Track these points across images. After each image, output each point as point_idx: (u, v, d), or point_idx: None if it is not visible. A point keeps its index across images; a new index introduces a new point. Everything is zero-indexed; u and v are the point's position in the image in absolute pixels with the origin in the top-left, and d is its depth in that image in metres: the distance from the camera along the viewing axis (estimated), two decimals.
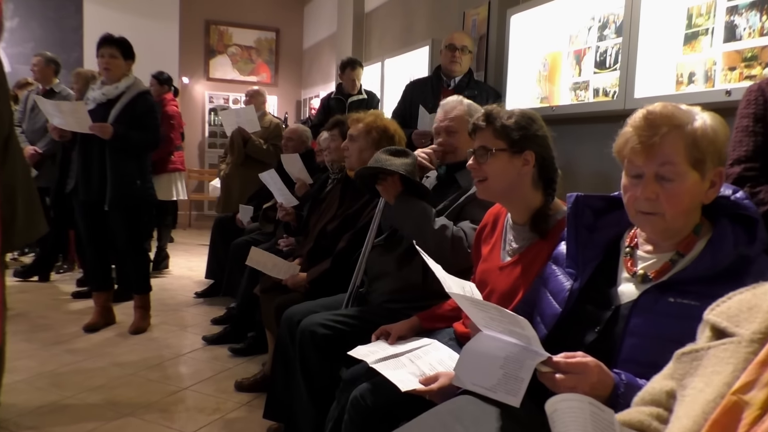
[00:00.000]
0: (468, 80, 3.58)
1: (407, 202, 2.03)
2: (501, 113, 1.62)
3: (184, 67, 8.59)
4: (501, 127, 1.59)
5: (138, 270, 3.79)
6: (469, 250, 1.94)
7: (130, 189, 3.54)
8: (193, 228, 8.32)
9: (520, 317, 1.07)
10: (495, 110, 1.63)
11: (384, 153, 2.09)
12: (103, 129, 3.39)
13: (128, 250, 3.67)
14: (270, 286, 2.67)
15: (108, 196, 3.49)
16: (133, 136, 3.48)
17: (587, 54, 3.14)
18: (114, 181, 3.48)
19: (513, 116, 1.61)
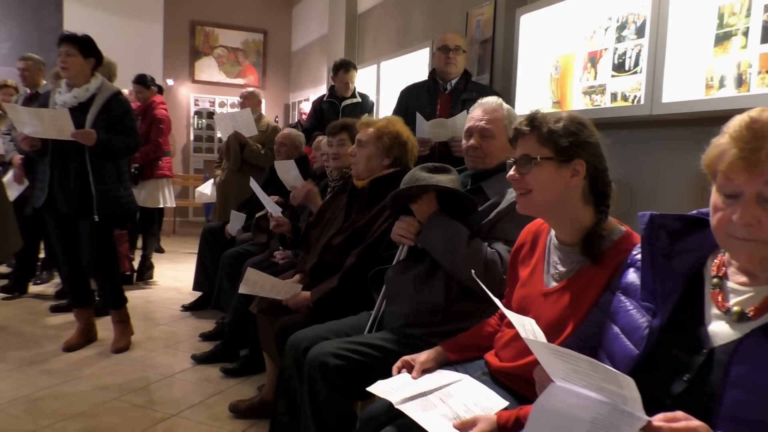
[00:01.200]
0: (465, 82, 3.40)
1: (441, 221, 1.85)
2: (547, 117, 1.43)
3: (169, 69, 8.32)
4: (548, 133, 1.40)
5: (110, 283, 3.52)
6: (504, 276, 1.75)
7: (114, 197, 3.31)
8: (178, 235, 8.04)
9: (623, 375, 0.86)
10: (540, 114, 1.44)
11: (422, 170, 1.91)
12: (86, 135, 3.14)
13: (98, 263, 3.39)
14: (268, 306, 2.45)
15: (96, 206, 3.24)
16: (115, 141, 3.25)
17: (604, 56, 2.97)
18: (99, 191, 3.24)
19: (561, 120, 1.41)
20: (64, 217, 3.31)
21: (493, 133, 2.00)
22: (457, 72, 3.37)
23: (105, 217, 3.26)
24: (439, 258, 1.86)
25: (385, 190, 2.34)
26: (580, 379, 0.92)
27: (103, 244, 3.36)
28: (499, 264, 1.79)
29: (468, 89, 3.38)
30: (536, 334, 1.14)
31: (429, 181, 1.88)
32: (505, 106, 2.07)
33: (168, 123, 5.06)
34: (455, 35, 3.40)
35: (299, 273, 2.57)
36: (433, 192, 1.91)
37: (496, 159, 2.02)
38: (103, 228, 3.30)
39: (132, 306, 4.27)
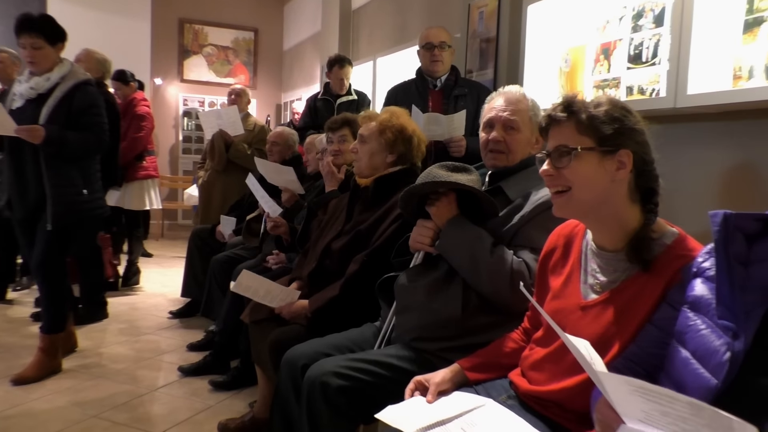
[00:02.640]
0: (455, 78, 3.22)
1: (461, 226, 1.66)
2: (586, 101, 1.24)
3: (157, 67, 8.09)
4: (588, 119, 1.21)
5: (52, 299, 3.02)
6: (532, 288, 1.56)
7: (75, 202, 2.92)
8: (166, 239, 7.80)
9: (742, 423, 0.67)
10: (578, 98, 1.25)
11: (441, 168, 1.72)
12: (32, 132, 2.74)
13: (43, 272, 2.95)
14: (262, 316, 2.24)
15: (49, 212, 2.84)
16: (70, 139, 2.83)
17: (618, 47, 2.79)
18: (54, 195, 2.84)
19: (602, 105, 1.23)
20: (29, 221, 2.99)
21: (518, 126, 1.81)
22: (444, 69, 3.19)
23: (61, 225, 2.88)
24: (458, 267, 1.67)
25: (390, 190, 2.15)
26: (669, 423, 0.73)
27: (51, 253, 2.92)
28: (527, 275, 1.60)
29: (459, 85, 3.21)
30: (594, 361, 0.94)
31: (446, 178, 1.68)
32: (529, 96, 1.88)
33: (150, 120, 4.82)
34: (439, 30, 3.22)
35: (297, 280, 2.36)
36: (452, 193, 1.72)
37: (519, 155, 1.83)
38: (57, 234, 2.89)
39: (116, 313, 4.09)
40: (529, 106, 1.86)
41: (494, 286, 1.62)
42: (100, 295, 3.99)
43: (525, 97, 1.88)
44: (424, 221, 1.77)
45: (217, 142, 4.48)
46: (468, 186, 1.68)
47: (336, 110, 4.40)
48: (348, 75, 4.46)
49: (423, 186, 1.71)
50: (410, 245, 1.80)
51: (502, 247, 1.66)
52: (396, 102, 3.15)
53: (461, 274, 1.68)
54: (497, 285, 1.62)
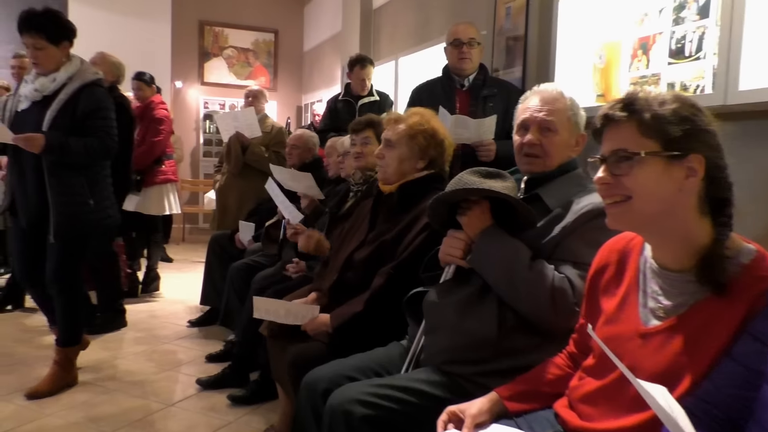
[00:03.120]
0: (483, 77, 3.05)
1: (496, 237, 1.51)
2: (650, 98, 1.08)
3: (177, 70, 8.04)
4: (653, 119, 1.05)
5: (67, 312, 2.88)
6: (576, 308, 1.41)
7: (79, 212, 2.75)
8: (187, 243, 7.74)
9: None
10: (641, 94, 1.09)
11: (473, 174, 1.57)
12: (30, 141, 2.57)
13: (57, 285, 2.81)
14: (281, 331, 2.11)
15: (52, 222, 2.67)
16: (73, 145, 2.65)
17: (658, 41, 2.62)
18: (57, 205, 2.68)
19: (668, 102, 1.07)
20: (31, 229, 2.83)
21: (555, 127, 1.66)
22: (472, 68, 3.03)
23: (65, 236, 2.72)
24: (493, 283, 1.52)
25: (416, 197, 2.01)
26: None
27: (65, 264, 2.78)
28: (570, 293, 1.45)
29: (488, 85, 3.04)
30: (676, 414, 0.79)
31: (480, 185, 1.53)
32: (567, 94, 1.73)
33: (168, 124, 4.71)
34: (468, 26, 3.05)
35: (316, 291, 2.23)
36: (486, 202, 1.57)
37: (557, 159, 1.67)
38: (67, 245, 2.76)
39: (135, 321, 4.00)
40: (567, 105, 1.70)
41: (533, 304, 1.47)
42: (117, 303, 3.90)
43: (563, 95, 1.72)
44: (455, 232, 1.62)
45: (233, 144, 4.37)
46: (503, 194, 1.53)
47: (357, 112, 4.27)
48: (370, 75, 4.32)
49: (453, 193, 1.57)
50: (440, 258, 1.66)
51: (541, 262, 1.51)
52: (420, 102, 3.00)
53: (496, 291, 1.53)
54: (537, 303, 1.47)
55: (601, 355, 1.17)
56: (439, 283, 1.62)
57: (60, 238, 2.71)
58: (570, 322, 1.46)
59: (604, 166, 1.10)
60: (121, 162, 3.82)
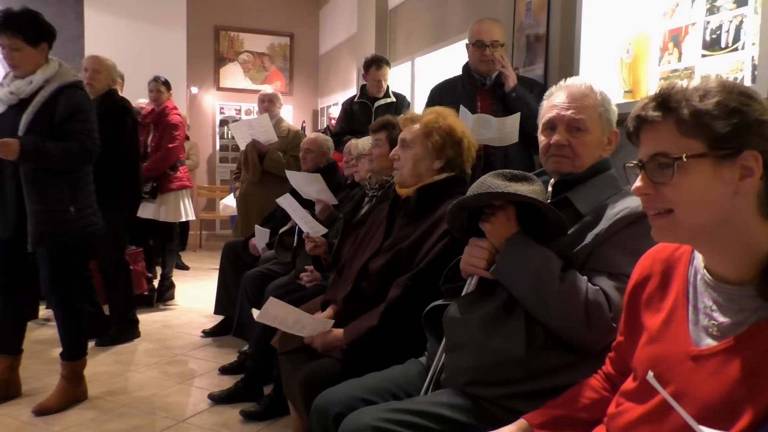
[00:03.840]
0: None
1: (523, 246, 1.38)
2: (688, 91, 0.94)
3: (193, 76, 7.99)
4: (693, 116, 0.91)
5: (70, 325, 2.79)
6: (613, 323, 1.27)
7: (59, 221, 2.60)
8: (204, 249, 7.68)
9: None
10: (677, 88, 0.95)
11: (495, 177, 1.45)
12: (4, 146, 2.44)
13: (54, 297, 2.73)
14: (293, 346, 1.99)
15: (30, 232, 2.53)
16: (51, 150, 2.51)
17: (691, 33, 2.46)
18: (36, 213, 2.55)
19: (711, 94, 0.92)
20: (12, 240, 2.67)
21: (585, 126, 1.51)
22: (495, 69, 2.88)
23: (45, 245, 2.60)
24: (520, 296, 1.39)
25: (435, 201, 1.88)
26: None
27: (57, 275, 2.66)
28: (606, 307, 1.31)
29: None
30: None
31: (505, 189, 1.40)
32: (597, 89, 1.58)
33: (183, 129, 4.65)
34: (491, 25, 2.90)
35: (331, 303, 2.11)
36: (512, 207, 1.44)
37: (588, 160, 1.53)
38: (55, 255, 2.64)
39: (148, 332, 3.92)
40: (597, 100, 1.56)
41: (565, 319, 1.34)
42: (130, 314, 3.82)
43: (592, 90, 1.57)
44: (478, 240, 1.49)
45: (250, 153, 4.29)
46: (530, 198, 1.39)
47: (374, 114, 4.16)
48: (386, 76, 4.21)
49: (476, 198, 1.43)
50: (462, 269, 1.52)
51: (573, 273, 1.37)
52: (440, 101, 2.86)
53: (524, 305, 1.39)
54: (569, 319, 1.33)
55: (644, 378, 1.03)
56: (461, 296, 1.49)
57: (39, 248, 2.60)
58: (606, 339, 1.32)
59: (643, 174, 0.96)
60: (129, 168, 3.74)
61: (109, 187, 3.59)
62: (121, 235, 3.77)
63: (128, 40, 7.03)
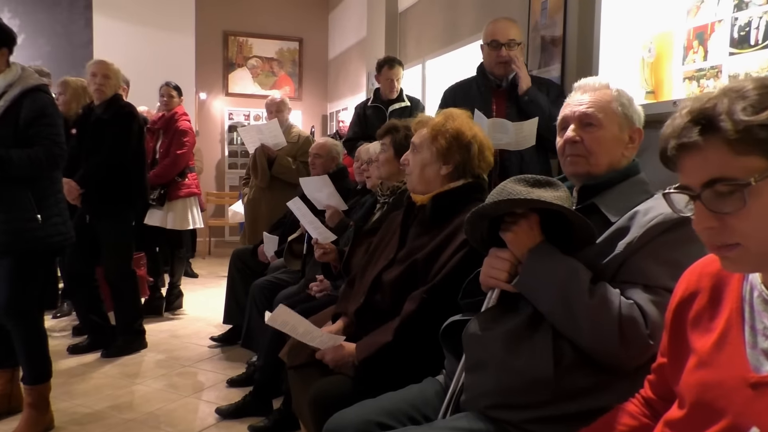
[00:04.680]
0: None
1: (549, 257, 1.28)
2: (731, 101, 0.82)
3: (201, 81, 7.94)
4: (746, 131, 0.79)
5: (27, 347, 2.56)
6: (650, 340, 1.17)
7: (24, 230, 2.46)
8: (213, 257, 7.61)
9: None
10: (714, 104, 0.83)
11: (517, 183, 1.35)
12: None
13: (10, 313, 2.51)
14: (303, 360, 1.90)
15: None
16: (15, 158, 2.40)
17: (717, 30, 2.35)
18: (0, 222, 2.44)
19: (755, 94, 0.81)
20: None
21: (598, 121, 1.42)
22: (511, 70, 2.78)
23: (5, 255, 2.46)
24: (546, 310, 1.28)
25: (452, 209, 1.78)
26: None
27: (17, 290, 2.49)
28: (641, 322, 1.21)
29: None
30: None
31: (527, 195, 1.30)
32: (613, 85, 1.49)
33: (192, 136, 4.56)
34: (507, 24, 2.80)
35: (342, 316, 2.01)
36: (535, 215, 1.33)
37: (605, 158, 1.43)
38: (20, 266, 2.49)
39: (155, 342, 3.83)
40: (612, 95, 1.46)
41: (597, 337, 1.23)
42: (136, 324, 3.73)
43: (608, 86, 1.48)
44: (498, 251, 1.39)
45: (259, 158, 4.20)
46: (555, 204, 1.29)
47: (388, 118, 4.06)
48: (398, 76, 4.10)
49: (496, 206, 1.33)
50: (481, 282, 1.42)
51: (604, 285, 1.26)
52: (454, 103, 2.76)
53: (550, 320, 1.29)
54: (601, 336, 1.23)
55: (696, 404, 0.93)
56: (482, 312, 1.39)
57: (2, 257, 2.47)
58: (642, 358, 1.22)
59: (700, 205, 0.84)
60: (136, 174, 3.67)
61: (115, 194, 3.52)
62: (127, 243, 3.68)
63: (137, 46, 7.00)
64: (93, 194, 3.49)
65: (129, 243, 3.71)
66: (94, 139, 3.50)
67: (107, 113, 3.52)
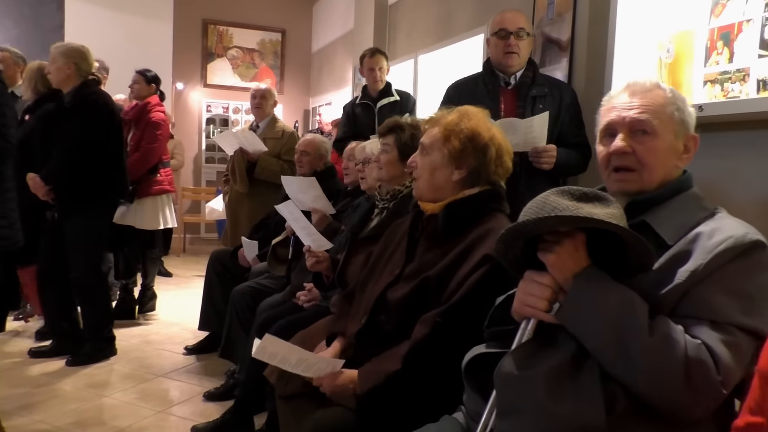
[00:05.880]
0: (533, 74, 2.61)
1: (598, 284, 1.10)
2: None
3: (179, 71, 7.62)
4: None
5: None
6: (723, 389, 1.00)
7: None
8: (188, 254, 7.31)
9: None
10: None
11: (560, 195, 1.14)
12: None
13: None
14: (294, 389, 1.68)
15: None
16: None
17: (744, 31, 2.18)
18: None
19: None
20: None
21: (653, 128, 1.24)
22: (520, 63, 2.59)
23: None
24: (595, 348, 1.09)
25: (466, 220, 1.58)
26: None
27: None
28: (712, 366, 1.02)
29: (537, 83, 2.60)
30: None
31: (577, 212, 1.10)
32: (665, 85, 1.30)
33: (166, 128, 4.23)
34: (516, 15, 2.61)
35: (339, 336, 1.80)
36: (582, 234, 1.14)
37: (659, 172, 1.25)
38: None
39: (126, 349, 3.58)
40: (667, 98, 1.28)
41: (657, 382, 1.04)
42: (105, 330, 3.46)
43: (659, 86, 1.30)
44: (536, 274, 1.19)
45: (237, 163, 3.90)
46: (612, 224, 1.09)
47: (377, 114, 3.85)
48: (381, 65, 3.89)
49: (540, 223, 1.12)
50: (515, 310, 1.22)
51: (664, 320, 1.07)
52: (459, 101, 2.55)
53: (599, 360, 1.10)
54: (662, 381, 1.04)
55: None
56: (517, 347, 1.18)
57: None
58: (711, 407, 1.04)
59: None
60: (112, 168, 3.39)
61: (88, 189, 3.25)
62: (97, 243, 3.40)
63: (111, 33, 6.67)
64: (63, 190, 3.22)
65: (101, 243, 3.42)
66: (60, 129, 3.22)
67: (72, 102, 3.26)
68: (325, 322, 2.14)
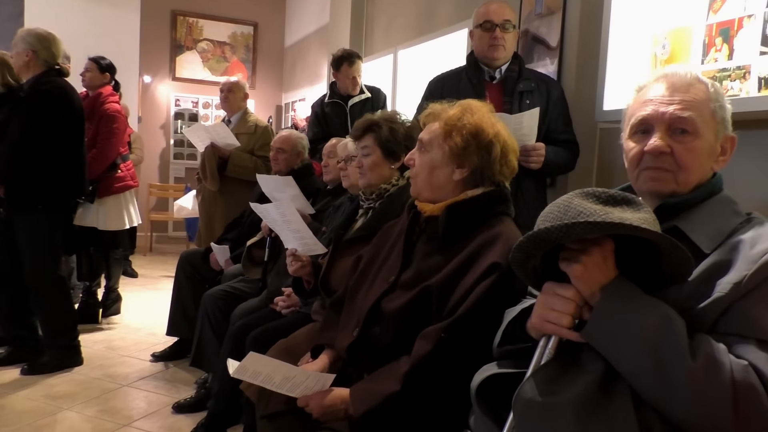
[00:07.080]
0: (519, 68, 2.50)
1: (630, 298, 0.99)
2: None
3: (146, 64, 7.35)
4: None
5: None
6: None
7: None
8: (155, 253, 7.04)
9: None
10: None
11: (586, 199, 1.02)
12: None
13: None
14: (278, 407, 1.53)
15: None
16: None
17: (746, 26, 2.10)
18: None
19: None
20: None
21: (695, 127, 1.12)
22: (506, 56, 2.48)
23: None
24: (628, 372, 0.97)
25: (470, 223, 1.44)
26: None
27: None
28: (762, 392, 0.91)
29: (524, 78, 2.49)
30: None
31: (607, 217, 0.97)
32: (705, 79, 1.19)
33: (122, 121, 3.93)
34: (501, 6, 2.49)
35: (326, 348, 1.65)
36: (610, 242, 1.02)
37: (696, 174, 1.14)
38: None
39: (90, 356, 3.37)
40: (709, 93, 1.16)
41: (701, 410, 0.93)
42: (66, 338, 3.22)
43: (699, 80, 1.18)
44: (558, 287, 1.06)
45: (208, 160, 3.70)
46: (648, 231, 0.97)
47: (349, 113, 3.71)
48: (360, 71, 3.77)
49: (566, 229, 0.99)
50: (534, 326, 1.09)
51: (706, 340, 0.96)
52: (442, 96, 2.41)
53: (632, 385, 0.97)
54: (707, 409, 0.92)
55: None
56: (538, 369, 1.05)
57: None
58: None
59: None
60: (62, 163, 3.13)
61: (33, 186, 3.01)
62: (52, 243, 3.14)
63: (74, 22, 6.36)
64: (10, 185, 3.00)
65: (54, 244, 3.16)
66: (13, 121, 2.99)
67: (26, 91, 3.04)
68: (306, 331, 2.00)
